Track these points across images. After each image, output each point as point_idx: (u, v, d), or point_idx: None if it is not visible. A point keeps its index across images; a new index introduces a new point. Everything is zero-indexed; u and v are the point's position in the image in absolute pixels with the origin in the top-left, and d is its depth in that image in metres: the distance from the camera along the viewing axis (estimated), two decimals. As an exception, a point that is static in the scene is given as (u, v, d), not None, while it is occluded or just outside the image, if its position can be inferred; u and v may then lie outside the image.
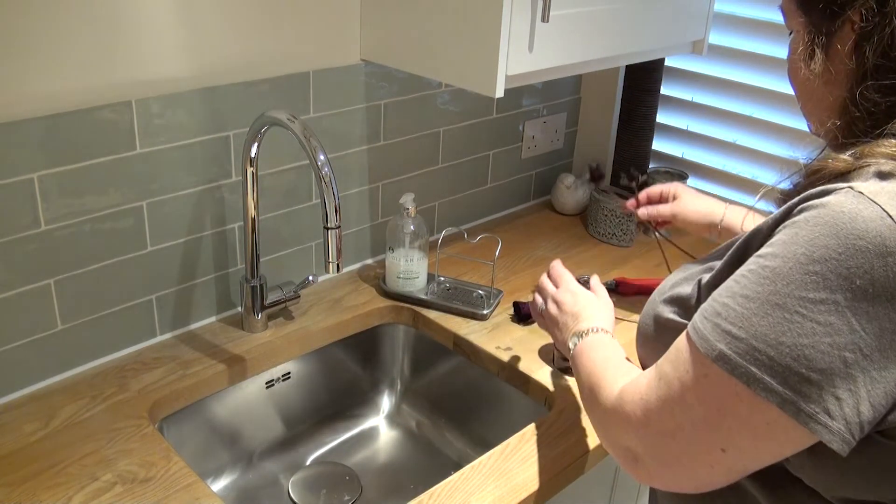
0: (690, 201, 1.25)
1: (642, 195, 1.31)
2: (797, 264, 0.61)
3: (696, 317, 0.68)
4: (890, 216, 0.60)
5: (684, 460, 0.69)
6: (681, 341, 0.69)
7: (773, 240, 0.65)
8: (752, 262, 0.65)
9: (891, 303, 0.59)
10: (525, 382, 1.27)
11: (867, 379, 0.60)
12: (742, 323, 0.63)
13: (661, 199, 1.29)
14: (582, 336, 0.97)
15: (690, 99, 1.75)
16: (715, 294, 0.68)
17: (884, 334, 0.60)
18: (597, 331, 0.97)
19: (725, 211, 1.19)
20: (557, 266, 1.14)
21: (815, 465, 0.67)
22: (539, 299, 1.13)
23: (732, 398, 0.64)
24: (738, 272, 0.67)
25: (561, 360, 1.27)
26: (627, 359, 0.90)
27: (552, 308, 1.08)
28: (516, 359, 1.30)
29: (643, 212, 1.28)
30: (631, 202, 1.33)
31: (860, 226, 0.59)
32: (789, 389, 0.61)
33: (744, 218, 1.14)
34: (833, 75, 0.71)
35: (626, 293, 1.50)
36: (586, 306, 1.03)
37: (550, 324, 1.08)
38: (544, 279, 1.14)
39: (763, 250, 0.65)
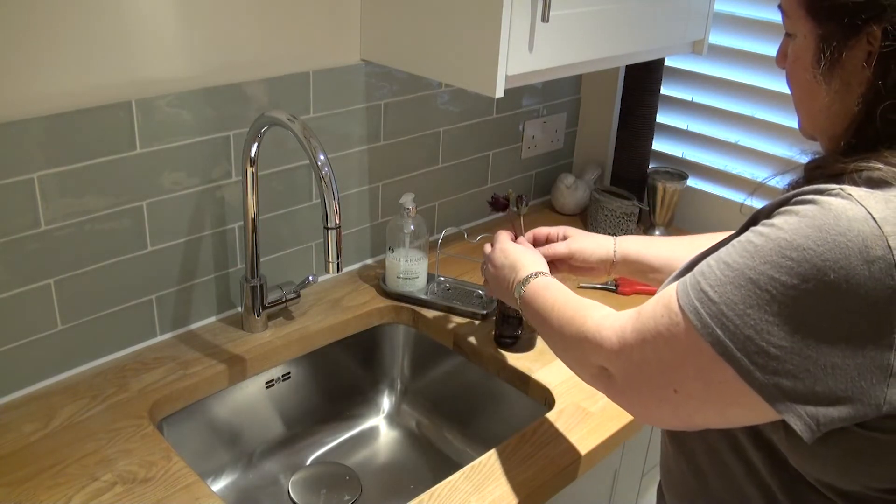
0: (582, 238, 1.18)
1: (528, 236, 1.22)
2: (777, 247, 0.64)
3: (689, 273, 0.72)
4: (874, 218, 0.61)
5: (643, 389, 0.76)
6: (669, 288, 0.73)
7: (768, 221, 0.68)
8: (744, 235, 0.69)
9: (863, 301, 0.61)
10: (525, 382, 1.28)
11: (829, 364, 0.62)
12: (718, 287, 0.67)
13: (548, 241, 1.21)
14: (526, 282, 1.03)
15: (690, 99, 1.75)
16: (709, 256, 0.71)
17: (853, 329, 0.62)
18: (537, 275, 1.03)
19: (615, 241, 1.15)
20: (497, 234, 1.18)
21: (797, 452, 0.69)
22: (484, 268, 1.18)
23: (695, 350, 0.68)
24: (732, 241, 0.70)
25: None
26: None
27: (489, 269, 1.14)
28: (516, 359, 1.30)
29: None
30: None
31: (843, 224, 0.62)
32: (747, 357, 0.64)
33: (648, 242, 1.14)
34: (846, 86, 0.71)
35: (626, 293, 1.51)
36: (519, 257, 1.09)
37: (493, 285, 1.14)
38: (484, 246, 1.19)
39: (757, 227, 0.68)
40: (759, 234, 0.66)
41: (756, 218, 0.70)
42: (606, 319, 0.82)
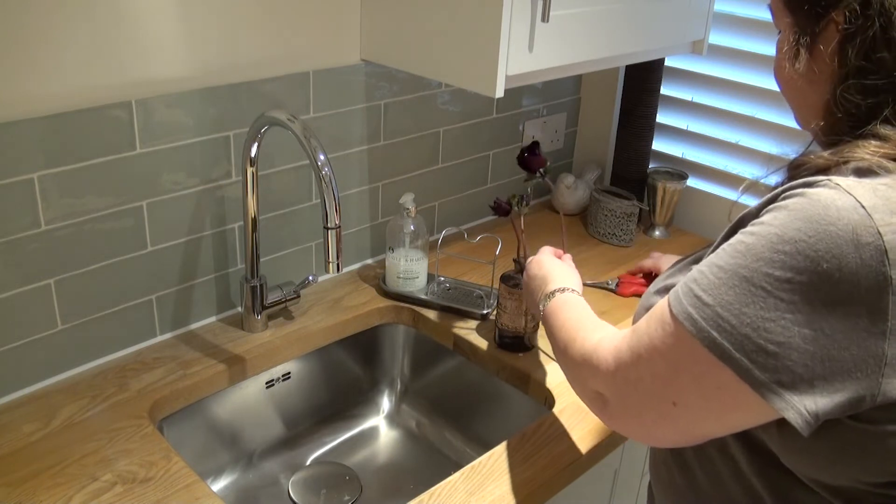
0: (670, 257, 1.33)
1: (634, 268, 1.47)
2: (768, 243, 0.64)
3: (679, 282, 0.72)
4: (863, 206, 0.62)
5: (641, 409, 0.74)
6: (661, 302, 0.73)
7: (757, 220, 0.68)
8: (734, 238, 0.69)
9: (856, 289, 0.61)
10: (525, 382, 1.27)
11: (825, 356, 0.63)
12: (712, 290, 0.67)
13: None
14: (550, 297, 1.02)
15: (690, 99, 1.75)
16: (699, 264, 0.71)
17: (847, 318, 0.62)
18: (563, 290, 1.03)
19: None
20: (542, 247, 1.20)
21: (789, 448, 0.69)
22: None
23: (691, 358, 0.68)
24: (722, 245, 0.70)
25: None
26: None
27: (525, 277, 1.14)
28: (516, 359, 1.30)
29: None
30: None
31: (833, 213, 0.62)
32: (745, 357, 0.64)
33: None
34: (817, 75, 0.73)
35: (625, 294, 1.51)
36: (552, 270, 1.09)
37: (525, 295, 1.15)
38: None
39: (746, 228, 0.68)
40: (750, 233, 0.67)
41: (743, 220, 0.71)
42: (604, 340, 0.81)
